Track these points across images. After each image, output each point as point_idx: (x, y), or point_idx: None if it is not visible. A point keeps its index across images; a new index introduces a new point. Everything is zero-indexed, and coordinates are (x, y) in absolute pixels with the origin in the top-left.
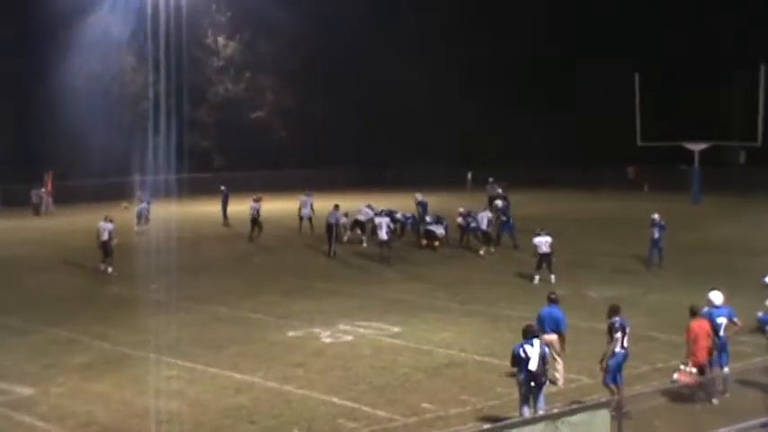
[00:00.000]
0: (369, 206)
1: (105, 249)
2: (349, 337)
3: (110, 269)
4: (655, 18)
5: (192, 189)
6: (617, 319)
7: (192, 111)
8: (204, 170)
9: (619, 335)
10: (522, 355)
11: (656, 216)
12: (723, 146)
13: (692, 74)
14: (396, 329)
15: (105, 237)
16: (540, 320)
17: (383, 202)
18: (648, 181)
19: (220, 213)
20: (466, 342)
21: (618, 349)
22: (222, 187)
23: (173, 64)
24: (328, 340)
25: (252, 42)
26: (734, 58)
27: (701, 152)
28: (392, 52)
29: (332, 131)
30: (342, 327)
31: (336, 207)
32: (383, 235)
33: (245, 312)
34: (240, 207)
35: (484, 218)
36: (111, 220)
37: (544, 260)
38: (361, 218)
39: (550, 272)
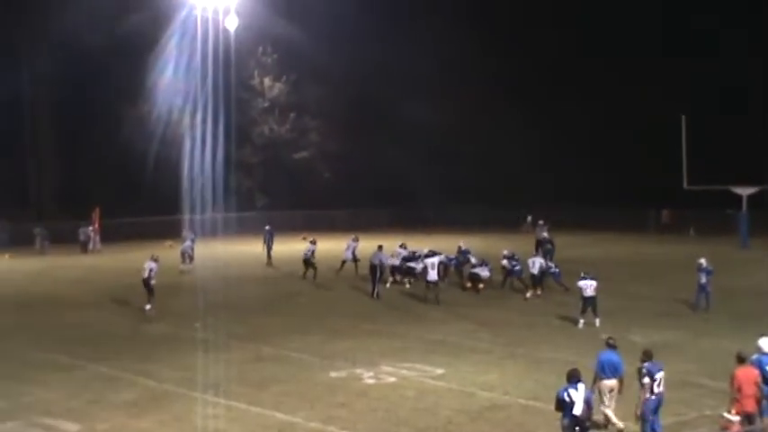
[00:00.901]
0: (402, 246)
1: (146, 287)
2: (392, 379)
3: (147, 307)
4: (702, 59)
5: (236, 228)
6: (646, 364)
7: (237, 151)
8: (247, 209)
9: (646, 380)
10: (567, 399)
11: (702, 261)
12: None
13: (740, 116)
14: (439, 371)
15: (145, 275)
16: (601, 366)
17: (425, 243)
18: (693, 224)
19: (264, 252)
20: (509, 385)
21: (648, 395)
22: (267, 227)
23: (219, 104)
24: (371, 381)
25: (297, 84)
26: None
27: (749, 196)
28: (437, 94)
29: (375, 172)
30: (385, 368)
31: (380, 248)
32: (433, 276)
33: (288, 352)
34: (283, 247)
35: (536, 263)
36: (156, 260)
37: (588, 304)
38: (396, 262)
39: (595, 315)
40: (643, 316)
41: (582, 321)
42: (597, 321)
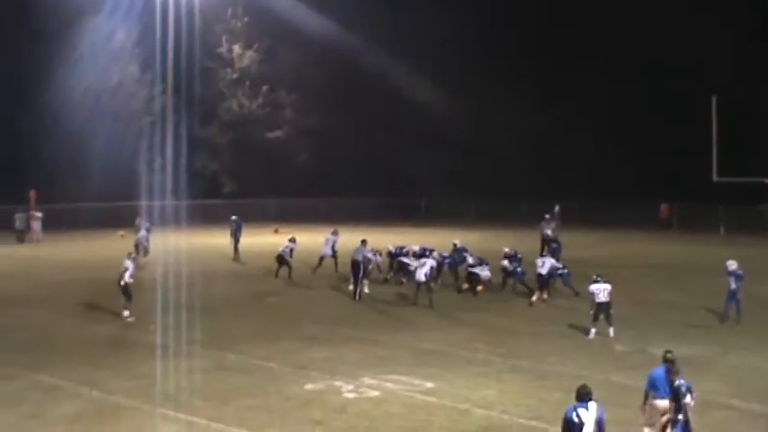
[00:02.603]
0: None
1: (122, 291)
2: (375, 393)
3: (125, 313)
4: (733, 35)
5: (199, 217)
6: (682, 381)
7: (201, 129)
8: (213, 196)
9: (688, 399)
10: (576, 419)
11: (732, 263)
12: None
13: None
14: (429, 385)
15: (121, 276)
16: (653, 383)
17: (415, 237)
18: (725, 222)
19: (230, 246)
20: (509, 402)
21: (681, 417)
22: (233, 217)
23: (181, 75)
24: (351, 395)
25: (271, 53)
26: None
27: None
28: (432, 70)
29: (360, 156)
30: (367, 380)
31: (364, 242)
32: (420, 275)
33: (256, 360)
34: (253, 240)
35: (546, 263)
36: (134, 258)
37: (602, 311)
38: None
39: (609, 324)
40: (664, 326)
41: (594, 331)
42: (611, 331)
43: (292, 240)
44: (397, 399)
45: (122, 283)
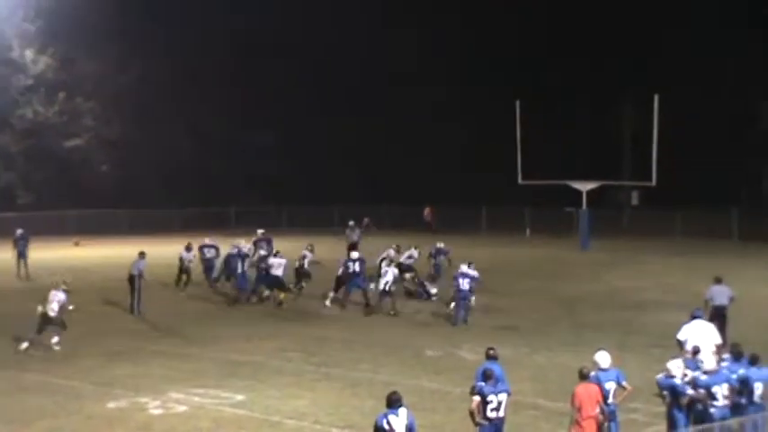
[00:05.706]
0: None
1: (44, 320)
2: (182, 408)
3: (55, 338)
4: (538, 43)
5: None
6: (479, 383)
7: None
8: (6, 209)
9: (476, 399)
10: (386, 426)
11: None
12: (614, 186)
13: (577, 105)
14: (239, 397)
15: (52, 313)
16: (498, 382)
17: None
18: (530, 224)
19: (15, 262)
20: (321, 412)
21: (480, 420)
22: (19, 230)
23: None
24: (157, 411)
25: (68, 58)
26: (625, 88)
27: (590, 192)
28: (235, 74)
29: (165, 165)
30: (174, 395)
31: (142, 255)
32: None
33: (56, 379)
34: (51, 254)
35: (389, 272)
36: (67, 290)
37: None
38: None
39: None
40: (472, 329)
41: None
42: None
43: (188, 249)
44: (205, 413)
45: (51, 314)
